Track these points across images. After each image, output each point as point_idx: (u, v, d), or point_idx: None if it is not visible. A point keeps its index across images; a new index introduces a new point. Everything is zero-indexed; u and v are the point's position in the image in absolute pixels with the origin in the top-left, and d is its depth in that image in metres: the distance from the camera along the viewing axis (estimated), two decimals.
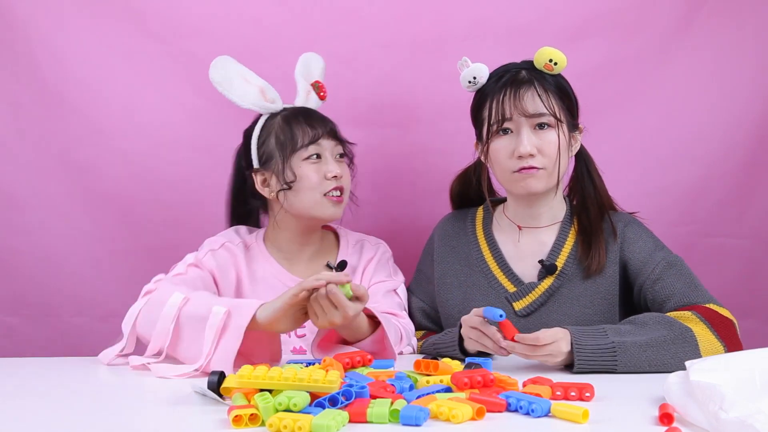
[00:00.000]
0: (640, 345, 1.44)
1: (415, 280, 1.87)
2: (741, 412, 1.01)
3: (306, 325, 1.70)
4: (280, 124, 1.73)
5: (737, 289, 2.10)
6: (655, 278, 1.61)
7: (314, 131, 1.71)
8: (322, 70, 1.86)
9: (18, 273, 2.12)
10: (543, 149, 1.62)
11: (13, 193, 2.10)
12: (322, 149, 1.72)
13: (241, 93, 1.72)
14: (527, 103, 1.62)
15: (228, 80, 1.72)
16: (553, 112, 1.62)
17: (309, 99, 1.81)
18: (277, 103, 1.76)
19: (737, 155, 2.11)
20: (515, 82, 1.63)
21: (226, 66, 1.73)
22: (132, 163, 2.10)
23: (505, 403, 1.17)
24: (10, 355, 1.90)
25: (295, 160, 1.70)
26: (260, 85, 1.76)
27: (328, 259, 1.79)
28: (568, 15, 2.09)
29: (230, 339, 1.43)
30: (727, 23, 2.09)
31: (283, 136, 1.71)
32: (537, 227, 1.71)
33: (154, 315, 1.53)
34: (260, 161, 1.74)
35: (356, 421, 1.12)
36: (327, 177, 1.70)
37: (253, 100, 1.74)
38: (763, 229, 2.13)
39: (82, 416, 1.22)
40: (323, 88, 1.83)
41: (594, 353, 1.42)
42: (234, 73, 1.73)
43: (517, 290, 1.68)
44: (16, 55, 2.06)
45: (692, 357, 1.40)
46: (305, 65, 1.83)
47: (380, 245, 1.86)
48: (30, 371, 1.54)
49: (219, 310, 1.46)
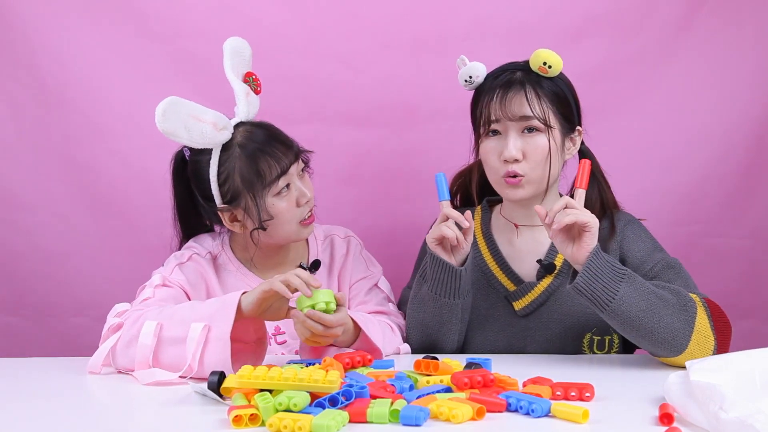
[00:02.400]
0: (647, 288, 1.44)
1: (413, 280, 1.84)
2: (741, 412, 1.01)
3: (285, 331, 1.70)
4: (242, 159, 1.60)
5: (737, 289, 2.10)
6: (652, 276, 1.61)
7: (281, 163, 1.60)
8: (250, 56, 1.69)
9: (18, 273, 2.12)
10: (529, 154, 1.60)
11: (13, 193, 2.10)
12: (290, 177, 1.63)
13: (196, 136, 1.56)
14: (515, 106, 1.60)
15: (179, 129, 1.54)
16: (541, 117, 1.60)
17: (250, 101, 1.66)
18: (228, 130, 1.61)
19: (737, 155, 2.11)
20: (506, 84, 1.62)
21: (174, 111, 1.53)
22: (132, 163, 2.10)
23: (505, 403, 1.17)
24: (10, 355, 1.90)
25: (266, 197, 1.61)
26: (211, 119, 1.58)
27: (300, 260, 1.74)
28: (568, 15, 2.09)
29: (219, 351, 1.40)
30: (727, 23, 2.09)
31: (248, 174, 1.59)
32: (534, 225, 1.71)
33: (132, 352, 1.46)
34: (224, 199, 1.63)
35: (356, 421, 1.12)
36: (300, 203, 1.64)
37: (209, 138, 1.58)
38: (763, 229, 2.13)
39: (82, 416, 1.22)
40: (257, 80, 1.68)
41: (605, 266, 1.42)
42: (184, 116, 1.55)
43: (516, 289, 1.68)
44: (16, 55, 2.07)
45: (684, 328, 1.44)
46: (233, 57, 1.66)
47: (350, 238, 1.81)
48: (30, 371, 1.53)
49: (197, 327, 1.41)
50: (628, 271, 1.45)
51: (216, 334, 1.41)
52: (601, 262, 1.43)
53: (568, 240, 1.46)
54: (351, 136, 2.11)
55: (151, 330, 1.44)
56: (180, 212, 1.74)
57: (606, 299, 1.42)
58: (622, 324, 1.44)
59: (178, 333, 1.43)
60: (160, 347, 1.44)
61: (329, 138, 2.08)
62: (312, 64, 2.10)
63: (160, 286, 1.62)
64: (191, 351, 1.40)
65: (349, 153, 2.12)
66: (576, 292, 1.44)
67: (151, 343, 1.43)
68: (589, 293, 1.43)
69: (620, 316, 1.43)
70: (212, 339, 1.41)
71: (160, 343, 1.44)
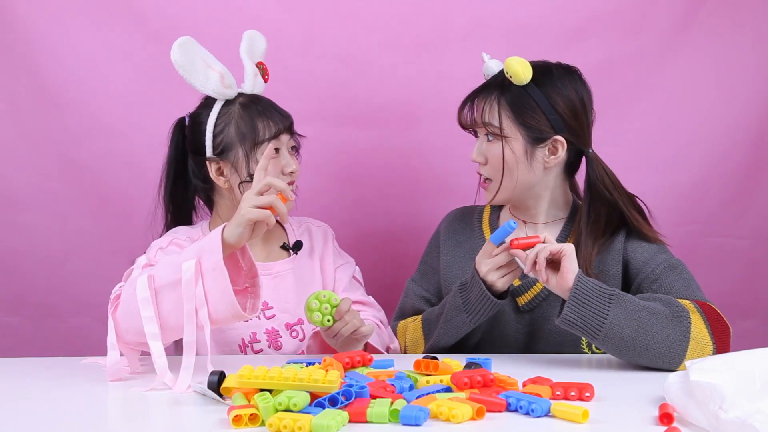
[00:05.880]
0: (637, 305, 1.43)
1: (419, 272, 1.85)
2: (741, 412, 1.01)
3: (273, 306, 1.72)
4: (241, 114, 1.68)
5: (737, 289, 2.11)
6: (654, 278, 1.61)
7: (276, 126, 1.67)
8: (265, 50, 1.79)
9: (18, 273, 2.13)
10: (489, 160, 1.66)
11: (13, 193, 2.10)
12: (280, 144, 1.68)
13: (202, 78, 1.66)
14: (475, 112, 1.66)
15: (191, 64, 1.64)
16: (493, 125, 1.63)
17: (257, 82, 1.74)
18: (233, 89, 1.70)
19: (737, 155, 2.12)
20: (479, 90, 1.67)
21: (189, 48, 1.64)
22: (132, 163, 2.10)
23: (505, 403, 1.17)
24: (10, 355, 1.90)
25: (256, 155, 1.66)
26: (220, 70, 1.68)
27: (280, 242, 1.78)
28: (568, 15, 2.10)
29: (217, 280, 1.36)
30: (727, 23, 2.09)
31: (244, 128, 1.67)
32: (537, 223, 1.72)
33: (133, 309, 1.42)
34: (215, 150, 1.69)
35: (356, 421, 1.12)
36: (284, 172, 1.68)
37: (214, 87, 1.67)
38: (763, 229, 2.13)
39: (82, 416, 1.22)
40: (267, 70, 1.77)
41: (592, 290, 1.42)
42: (197, 57, 1.65)
43: (521, 284, 1.68)
44: (16, 55, 2.07)
45: (680, 339, 1.43)
46: (250, 44, 1.76)
47: (325, 227, 1.85)
48: (30, 371, 1.53)
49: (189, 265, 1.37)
50: (616, 291, 1.44)
51: (208, 265, 1.37)
52: (587, 285, 1.43)
53: (551, 273, 1.47)
54: (351, 136, 2.11)
55: (144, 284, 1.40)
56: (168, 179, 1.77)
57: (597, 325, 1.41)
58: (616, 347, 1.43)
59: (171, 277, 1.39)
60: (158, 297, 1.40)
61: (329, 138, 2.08)
62: (312, 64, 2.10)
63: (147, 265, 1.61)
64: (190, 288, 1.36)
65: (349, 153, 2.12)
66: (565, 324, 1.43)
67: (148, 296, 1.39)
68: (579, 322, 1.42)
69: (613, 340, 1.42)
70: (207, 271, 1.37)
71: (157, 293, 1.40)
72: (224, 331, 1.70)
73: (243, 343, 1.71)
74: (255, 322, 1.71)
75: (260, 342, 1.71)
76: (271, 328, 1.72)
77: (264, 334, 1.72)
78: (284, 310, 1.73)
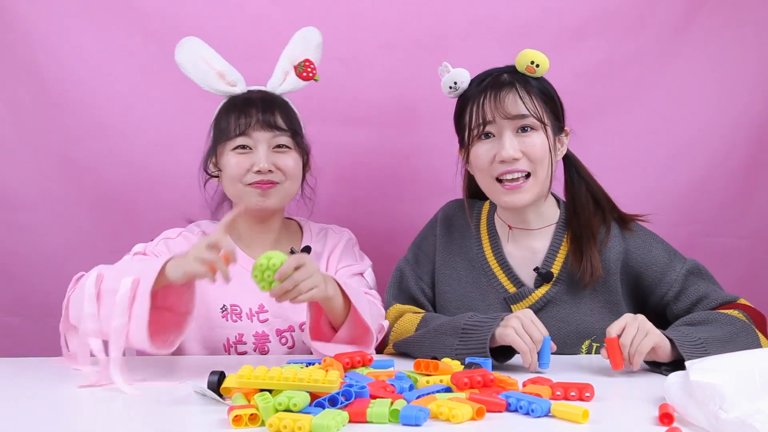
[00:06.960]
0: (719, 340, 1.43)
1: (413, 255, 1.80)
2: (741, 412, 1.01)
3: (268, 309, 1.71)
4: (224, 109, 1.73)
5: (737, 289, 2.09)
6: (679, 289, 1.61)
7: (246, 120, 1.67)
8: (318, 45, 1.79)
9: (18, 273, 2.12)
10: (528, 153, 1.59)
11: (13, 193, 2.10)
12: (253, 141, 1.68)
13: (200, 75, 1.72)
14: (509, 105, 1.58)
15: (190, 62, 1.72)
16: (537, 115, 1.59)
17: (286, 80, 1.77)
18: (239, 86, 1.74)
19: (738, 155, 2.12)
20: (496, 85, 1.60)
21: (190, 48, 1.72)
22: (132, 163, 2.10)
23: (505, 403, 1.17)
24: (10, 355, 1.90)
25: (225, 149, 1.69)
26: (219, 68, 1.73)
27: (291, 245, 1.77)
28: (568, 15, 2.09)
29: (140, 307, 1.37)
30: (727, 23, 2.09)
31: (221, 123, 1.71)
32: (528, 229, 1.69)
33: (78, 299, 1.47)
34: (211, 144, 1.75)
35: (356, 421, 1.12)
36: (251, 169, 1.68)
37: (211, 83, 1.73)
38: (763, 229, 2.13)
39: (82, 416, 1.22)
40: (308, 67, 1.77)
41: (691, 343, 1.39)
42: (197, 55, 1.72)
43: (517, 292, 1.67)
44: (16, 55, 2.07)
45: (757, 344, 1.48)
46: (301, 41, 1.79)
47: (344, 232, 1.85)
48: (30, 371, 1.53)
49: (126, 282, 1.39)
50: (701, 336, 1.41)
51: (141, 289, 1.38)
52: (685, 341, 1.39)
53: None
54: (351, 136, 2.11)
55: (92, 280, 1.44)
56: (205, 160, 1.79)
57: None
58: None
59: (113, 285, 1.41)
60: (100, 298, 1.43)
61: (329, 138, 2.07)
62: None
63: (139, 254, 1.67)
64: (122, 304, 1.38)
65: (349, 153, 2.12)
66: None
67: (91, 293, 1.43)
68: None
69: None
70: (139, 293, 1.38)
71: (100, 293, 1.43)
72: (210, 330, 1.70)
73: (228, 343, 1.70)
74: (244, 323, 1.70)
75: (246, 344, 1.70)
76: (261, 332, 1.71)
77: (252, 336, 1.71)
78: (278, 315, 1.72)
